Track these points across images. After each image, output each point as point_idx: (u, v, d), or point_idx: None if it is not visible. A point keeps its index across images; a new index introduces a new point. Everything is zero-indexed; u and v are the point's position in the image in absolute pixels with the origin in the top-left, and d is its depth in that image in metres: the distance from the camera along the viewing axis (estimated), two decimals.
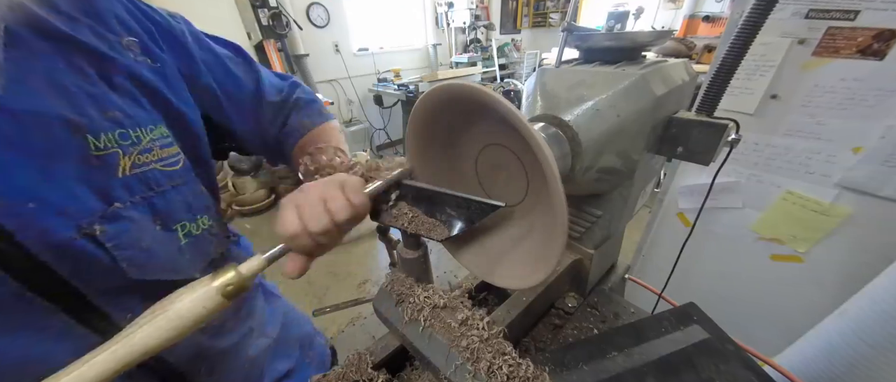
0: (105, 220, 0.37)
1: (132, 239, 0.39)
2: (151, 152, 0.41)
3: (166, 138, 0.44)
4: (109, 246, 0.37)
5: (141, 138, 0.40)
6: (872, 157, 0.86)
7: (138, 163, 0.40)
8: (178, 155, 0.45)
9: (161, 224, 0.42)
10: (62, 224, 0.34)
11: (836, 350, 0.66)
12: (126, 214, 0.38)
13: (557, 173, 0.33)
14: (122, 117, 0.39)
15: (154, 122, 0.42)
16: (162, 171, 0.42)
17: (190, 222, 0.46)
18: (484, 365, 0.38)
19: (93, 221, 0.36)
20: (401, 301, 0.47)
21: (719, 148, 0.52)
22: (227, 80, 0.55)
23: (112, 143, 0.37)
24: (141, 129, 0.40)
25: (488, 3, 4.79)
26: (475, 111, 0.43)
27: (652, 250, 1.37)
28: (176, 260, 0.44)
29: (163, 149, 0.43)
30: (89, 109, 0.36)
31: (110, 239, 0.37)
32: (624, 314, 0.68)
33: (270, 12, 2.66)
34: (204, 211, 0.48)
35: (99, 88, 0.38)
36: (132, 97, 0.41)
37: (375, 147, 4.28)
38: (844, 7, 0.82)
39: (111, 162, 0.38)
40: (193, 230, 0.46)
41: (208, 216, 0.49)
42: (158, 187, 0.42)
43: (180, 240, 0.44)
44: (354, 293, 2.19)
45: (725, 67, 0.48)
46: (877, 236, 0.91)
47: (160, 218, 0.42)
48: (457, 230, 0.43)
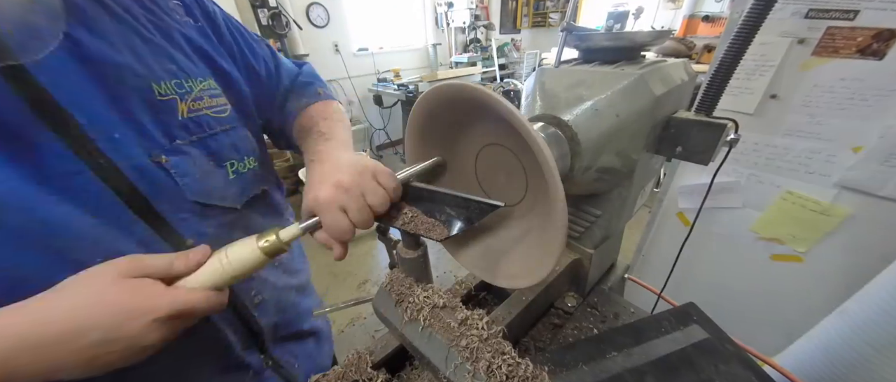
0: (169, 153, 0.44)
1: (190, 169, 0.46)
2: (202, 100, 0.48)
3: (214, 89, 0.50)
4: (173, 172, 0.44)
5: (193, 88, 0.47)
6: (872, 157, 0.86)
7: (193, 109, 0.47)
8: (225, 105, 0.52)
9: (214, 160, 0.49)
10: (139, 153, 0.42)
11: (835, 349, 0.66)
12: (185, 150, 0.46)
13: (557, 173, 0.33)
14: (177, 70, 0.46)
15: (202, 75, 0.49)
16: (213, 117, 0.49)
17: (238, 161, 0.53)
18: (483, 365, 0.38)
19: (161, 153, 0.43)
20: (400, 301, 0.47)
21: (718, 147, 0.52)
22: (251, 57, 0.60)
23: (171, 91, 0.45)
24: (192, 80, 0.47)
25: (488, 3, 4.79)
26: (475, 111, 0.43)
27: (651, 250, 1.37)
28: (224, 190, 0.51)
29: (212, 98, 0.50)
30: (152, 62, 0.43)
31: (173, 167, 0.44)
32: (623, 314, 0.68)
33: (270, 12, 2.66)
34: (250, 153, 0.55)
35: (159, 43, 0.45)
36: (184, 52, 0.48)
37: (375, 147, 4.28)
38: (844, 7, 0.82)
39: (172, 106, 0.45)
40: (241, 168, 0.53)
41: (254, 157, 0.55)
42: (210, 130, 0.49)
43: (229, 175, 0.51)
44: (354, 293, 2.19)
45: (725, 67, 0.48)
46: (876, 235, 0.91)
47: (213, 156, 0.49)
48: (456, 230, 0.43)
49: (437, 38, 4.50)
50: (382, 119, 4.14)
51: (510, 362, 0.39)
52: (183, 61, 0.47)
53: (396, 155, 4.40)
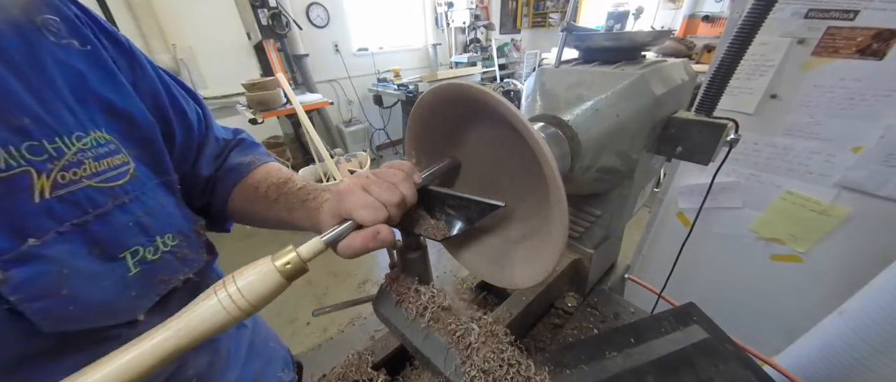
0: (10, 264, 0.28)
1: (49, 284, 0.30)
2: (82, 165, 0.32)
3: (105, 145, 0.34)
4: (13, 298, 0.28)
5: (64, 150, 0.31)
6: (872, 157, 0.86)
7: (63, 182, 0.31)
8: (125, 164, 0.36)
9: (101, 254, 0.33)
10: None
11: (835, 349, 0.66)
12: (44, 252, 0.29)
13: (558, 173, 0.33)
14: (32, 125, 0.29)
15: (83, 127, 0.33)
16: (99, 187, 0.33)
17: (146, 246, 0.37)
18: (484, 365, 0.38)
19: None
20: (401, 301, 0.47)
21: (718, 147, 0.52)
22: (176, 100, 0.46)
23: (17, 161, 0.28)
24: (62, 139, 0.31)
25: (488, 3, 4.79)
26: (475, 111, 0.43)
27: (651, 250, 1.37)
28: (116, 298, 0.34)
29: (99, 159, 0.34)
30: None
31: (15, 289, 0.28)
32: (624, 313, 0.68)
33: (270, 12, 2.66)
34: (167, 229, 0.39)
35: (5, 82, 0.29)
36: (54, 92, 0.32)
37: (375, 147, 4.28)
38: (844, 7, 0.82)
39: (20, 185, 0.29)
40: (149, 255, 0.37)
41: (173, 234, 0.40)
42: (95, 209, 0.33)
43: (130, 270, 0.35)
44: (354, 293, 2.19)
45: (725, 67, 0.48)
46: (876, 235, 0.91)
47: (100, 247, 0.33)
48: (456, 230, 0.43)
49: (437, 38, 4.50)
50: (382, 119, 4.14)
51: (512, 362, 0.38)
52: (49, 109, 0.31)
53: (396, 155, 4.40)
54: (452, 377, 0.39)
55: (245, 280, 0.30)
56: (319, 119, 3.25)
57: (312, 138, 2.55)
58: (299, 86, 3.17)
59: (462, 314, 0.44)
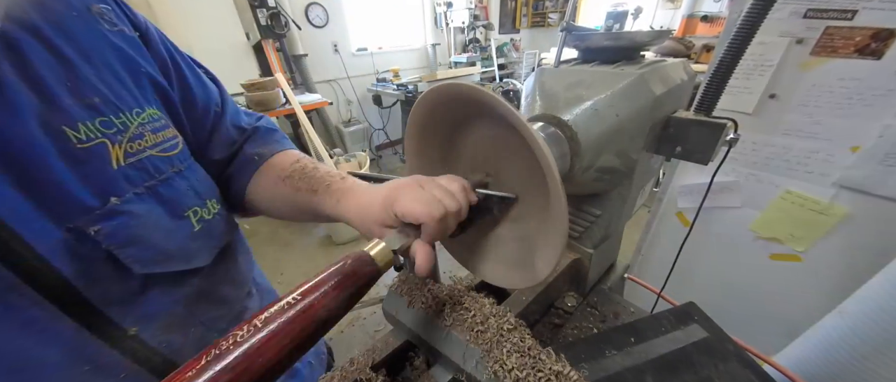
0: (101, 218, 0.33)
1: (135, 233, 0.36)
2: (143, 138, 0.37)
3: (158, 120, 0.40)
4: (107, 245, 0.34)
5: (127, 124, 0.36)
6: (870, 156, 0.86)
7: (132, 151, 0.36)
8: (175, 138, 0.42)
9: (170, 212, 0.39)
10: (52, 227, 0.32)
11: (834, 348, 0.66)
12: (126, 209, 0.35)
13: (557, 173, 0.33)
14: (101, 103, 0.34)
15: (140, 104, 0.38)
16: (160, 157, 0.39)
17: (200, 207, 0.43)
18: (505, 358, 0.38)
19: (88, 221, 0.33)
20: (413, 301, 0.47)
21: (718, 147, 0.52)
22: (195, 83, 0.48)
23: (95, 134, 0.34)
24: (125, 114, 0.36)
25: (487, 3, 4.79)
26: (474, 111, 0.43)
27: (651, 249, 1.37)
28: (188, 247, 0.41)
29: (156, 132, 0.39)
30: (63, 99, 0.32)
31: (107, 237, 0.34)
32: (623, 313, 0.68)
33: (269, 12, 2.66)
34: (212, 194, 0.46)
35: (75, 69, 0.33)
36: (113, 74, 0.36)
37: (374, 147, 4.27)
38: (842, 7, 0.82)
39: (101, 154, 0.34)
40: (205, 214, 0.43)
41: (216, 199, 0.46)
42: (160, 175, 0.39)
43: (194, 226, 0.42)
44: None
45: (724, 67, 0.48)
46: (875, 235, 0.91)
47: (168, 206, 0.39)
48: (466, 225, 0.44)
49: (437, 38, 4.50)
50: (382, 119, 4.14)
51: (534, 354, 0.38)
52: (112, 89, 0.36)
53: (396, 155, 4.40)
54: (474, 372, 0.39)
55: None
56: (318, 119, 3.25)
57: (311, 138, 2.55)
58: (298, 86, 3.17)
59: (482, 310, 0.44)
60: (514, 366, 0.37)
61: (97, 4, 0.37)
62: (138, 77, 0.39)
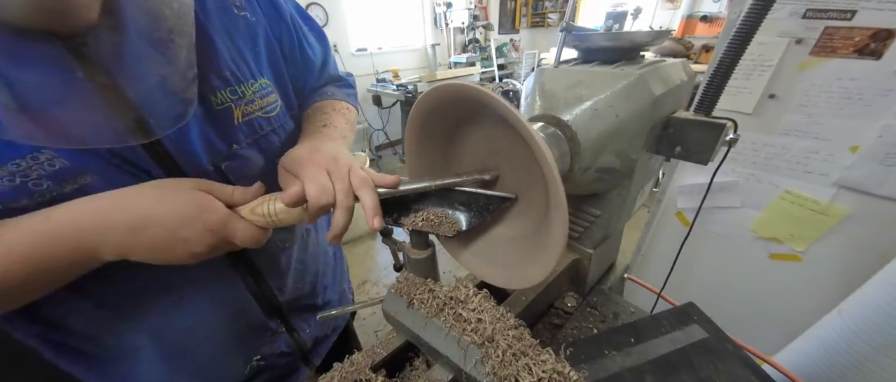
0: (229, 158, 0.49)
1: (246, 171, 0.51)
2: (254, 103, 0.51)
3: (267, 88, 0.53)
4: (231, 177, 0.49)
5: (245, 92, 0.49)
6: (870, 156, 0.87)
7: (247, 113, 0.50)
8: (275, 101, 0.55)
9: (267, 159, 0.54)
10: (204, 160, 0.46)
11: (834, 348, 0.66)
12: (242, 153, 0.50)
13: (557, 173, 0.33)
14: (230, 76, 0.47)
15: (254, 76, 0.51)
16: (263, 118, 0.53)
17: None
18: (504, 357, 0.38)
19: (221, 159, 0.48)
20: (412, 302, 0.47)
21: (717, 147, 0.52)
22: (307, 46, 0.63)
23: (227, 100, 0.47)
24: (244, 85, 0.49)
25: (487, 4, 4.79)
26: (474, 111, 0.43)
27: (651, 249, 1.37)
28: (275, 185, 0.51)
29: (263, 98, 0.52)
30: (210, 74, 0.45)
31: (231, 172, 0.49)
32: (623, 313, 0.68)
33: None
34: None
35: (215, 47, 0.46)
36: (239, 52, 0.49)
37: (374, 147, 4.27)
38: (841, 7, 0.82)
39: (229, 113, 0.48)
40: None
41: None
42: (262, 130, 0.53)
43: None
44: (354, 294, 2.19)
45: (723, 67, 0.48)
46: (874, 234, 0.91)
47: (265, 155, 0.54)
48: (465, 225, 0.44)
49: (436, 39, 4.50)
50: (381, 119, 4.14)
51: (534, 354, 0.38)
52: (236, 65, 0.48)
53: (395, 155, 4.40)
54: (474, 372, 0.39)
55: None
56: None
57: None
58: None
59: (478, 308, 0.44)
60: (515, 366, 0.37)
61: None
62: (256, 52, 0.52)
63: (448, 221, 0.45)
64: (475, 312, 0.43)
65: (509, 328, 0.41)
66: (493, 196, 0.43)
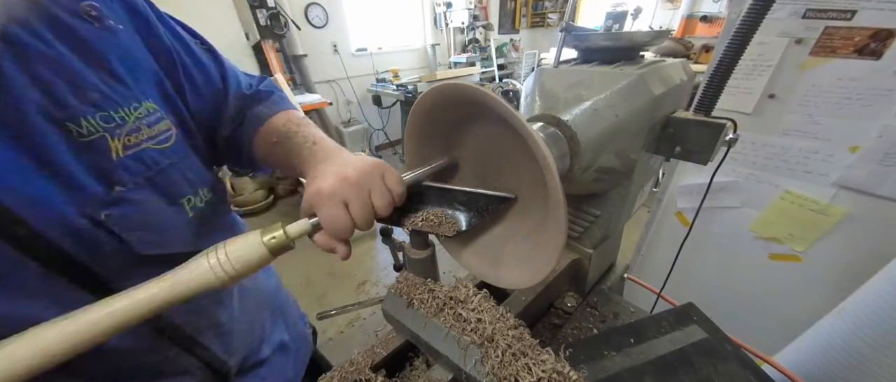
0: (109, 205, 0.37)
1: (139, 220, 0.40)
2: (140, 131, 0.40)
3: (154, 113, 0.42)
4: (116, 229, 0.38)
5: (126, 118, 0.39)
6: (870, 156, 0.87)
7: (130, 144, 0.39)
8: (169, 130, 0.44)
9: (167, 200, 0.43)
10: (70, 212, 0.35)
11: (834, 348, 0.66)
12: (130, 197, 0.39)
13: (557, 173, 0.33)
14: (100, 98, 0.37)
15: (137, 99, 0.40)
16: (156, 149, 0.42)
17: (193, 195, 0.46)
18: (504, 359, 0.38)
19: (97, 207, 0.36)
20: (412, 302, 0.47)
21: (717, 147, 0.52)
22: (193, 64, 0.50)
23: (95, 128, 0.36)
24: (123, 109, 0.39)
25: (487, 4, 4.79)
26: (474, 111, 0.43)
27: (651, 249, 1.37)
28: (185, 232, 0.45)
29: (151, 126, 0.42)
30: (67, 96, 0.35)
31: (116, 222, 0.37)
32: (623, 313, 0.68)
33: (268, 13, 2.66)
34: (204, 183, 0.48)
35: (73, 66, 0.36)
36: (109, 71, 0.39)
37: (374, 147, 4.27)
38: (841, 7, 0.82)
39: (101, 146, 0.37)
40: (198, 202, 0.47)
41: (207, 186, 0.49)
42: (156, 166, 0.42)
43: (188, 213, 0.45)
44: (353, 294, 2.19)
45: (723, 67, 0.49)
46: (874, 234, 0.91)
47: (165, 195, 0.43)
48: (466, 225, 0.44)
49: (436, 39, 4.50)
50: (381, 119, 4.14)
51: (534, 354, 0.38)
52: (109, 85, 0.38)
53: (395, 155, 4.40)
54: (473, 372, 0.39)
55: (234, 248, 0.33)
56: (318, 120, 3.25)
57: None
58: (298, 86, 3.17)
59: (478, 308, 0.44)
60: (514, 366, 0.37)
61: (84, 2, 0.38)
62: (135, 71, 0.41)
63: (448, 221, 0.45)
64: (475, 312, 0.43)
65: (509, 328, 0.41)
66: (493, 196, 0.43)
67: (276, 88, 0.62)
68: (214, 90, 0.54)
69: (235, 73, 0.58)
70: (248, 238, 0.35)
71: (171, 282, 0.32)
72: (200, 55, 0.52)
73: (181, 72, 0.48)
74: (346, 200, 0.39)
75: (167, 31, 0.48)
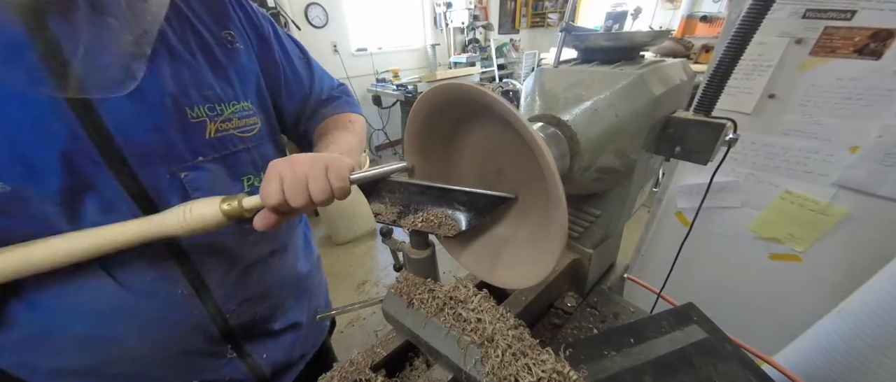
0: (190, 169, 0.51)
1: (205, 183, 0.52)
2: (231, 121, 0.55)
3: (247, 110, 0.57)
4: (188, 186, 0.51)
5: (223, 111, 0.54)
6: (869, 156, 0.87)
7: (221, 129, 0.54)
8: (255, 124, 0.59)
9: (230, 175, 0.56)
10: (162, 167, 0.49)
11: (834, 348, 0.66)
12: (205, 166, 0.52)
13: (557, 173, 0.33)
14: (212, 95, 0.52)
15: (237, 98, 0.55)
16: (238, 136, 0.56)
17: (255, 176, 0.60)
18: (504, 359, 0.38)
19: (181, 168, 0.50)
20: (412, 302, 0.47)
21: (717, 147, 0.52)
22: (292, 75, 0.68)
23: (202, 114, 0.51)
24: (224, 104, 0.54)
25: (487, 4, 4.79)
26: (474, 111, 0.43)
27: (651, 249, 1.37)
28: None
29: (242, 118, 0.56)
30: (190, 89, 0.50)
31: (189, 182, 0.51)
32: (623, 313, 0.68)
33: (268, 13, 2.65)
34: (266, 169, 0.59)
35: (201, 69, 0.51)
36: (225, 77, 0.54)
37: (374, 147, 4.27)
38: (841, 7, 0.82)
39: (202, 127, 0.51)
40: (256, 182, 0.60)
41: None
42: (234, 147, 0.56)
43: (244, 188, 0.58)
44: (353, 293, 2.19)
45: (723, 67, 0.48)
46: (874, 234, 0.91)
47: (232, 171, 0.56)
48: (465, 225, 0.44)
49: (436, 39, 4.50)
50: (381, 119, 4.14)
51: (533, 354, 0.38)
52: (220, 87, 0.53)
53: (395, 155, 4.40)
54: (473, 372, 0.39)
55: (197, 206, 0.44)
56: None
57: None
58: None
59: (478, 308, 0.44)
60: (514, 366, 0.37)
61: (225, 30, 0.55)
62: (243, 80, 0.57)
63: (448, 222, 0.45)
64: (475, 312, 0.43)
65: (509, 328, 0.41)
66: (493, 196, 0.43)
67: (345, 94, 0.79)
68: (303, 94, 0.71)
69: (321, 81, 0.74)
70: (210, 201, 0.44)
71: (148, 221, 0.44)
72: (299, 68, 0.69)
73: (283, 82, 0.66)
74: (282, 176, 0.44)
75: (280, 50, 0.65)
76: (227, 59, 0.55)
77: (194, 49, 0.51)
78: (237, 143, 0.56)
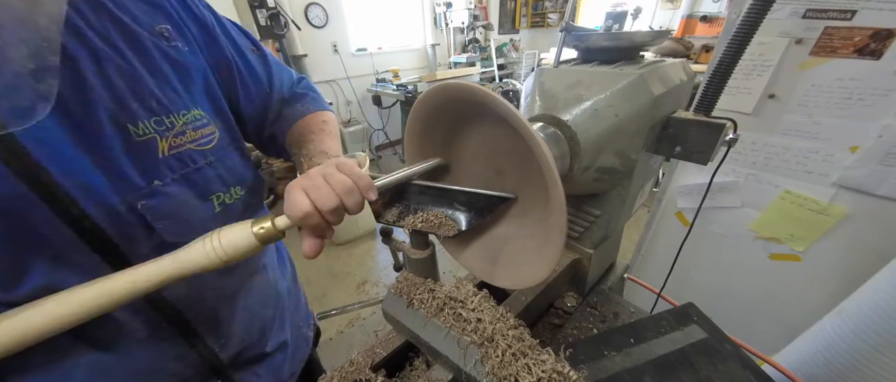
0: (147, 196, 0.43)
1: (169, 210, 0.45)
2: (185, 134, 0.46)
3: (200, 119, 0.49)
4: (148, 217, 0.44)
5: (174, 123, 0.45)
6: (869, 156, 0.87)
7: (175, 145, 0.46)
8: (212, 134, 0.50)
9: (198, 195, 0.49)
10: (114, 199, 0.41)
11: (834, 348, 0.66)
12: (165, 190, 0.45)
13: (557, 173, 0.33)
14: (157, 106, 0.44)
15: (187, 106, 0.47)
16: (197, 150, 0.48)
17: (224, 193, 0.52)
18: (504, 359, 0.38)
19: (137, 197, 0.42)
20: (412, 302, 0.47)
21: (717, 147, 0.52)
22: (247, 71, 0.59)
23: (149, 131, 0.43)
24: (173, 115, 0.45)
25: (487, 4, 4.79)
26: (474, 111, 0.43)
27: (651, 249, 1.37)
28: (209, 225, 0.46)
29: (197, 130, 0.48)
30: (131, 102, 0.41)
31: (149, 211, 0.43)
32: (623, 313, 0.68)
33: (268, 13, 2.65)
34: (237, 182, 0.53)
35: (137, 74, 0.42)
36: (168, 83, 0.45)
37: (374, 147, 4.27)
38: (841, 7, 0.82)
39: (152, 146, 0.44)
40: (227, 199, 0.52)
41: (241, 186, 0.54)
42: (194, 164, 0.48)
43: (215, 208, 0.51)
44: (353, 294, 2.19)
45: (723, 67, 0.49)
46: (874, 234, 0.91)
47: (197, 191, 0.48)
48: (465, 225, 0.44)
49: (436, 39, 4.50)
50: (381, 119, 4.14)
51: (533, 354, 0.38)
52: (166, 94, 0.45)
53: (395, 155, 4.40)
54: (473, 372, 0.39)
55: (227, 234, 0.38)
56: None
57: None
58: None
59: (478, 308, 0.44)
60: (514, 366, 0.37)
61: (159, 25, 0.46)
62: (189, 84, 0.48)
63: (448, 222, 0.45)
64: (475, 312, 0.43)
65: (509, 328, 0.41)
66: (493, 196, 0.43)
67: (310, 89, 0.70)
68: (263, 94, 0.62)
69: (281, 76, 0.66)
70: (241, 227, 0.39)
71: (172, 260, 0.36)
72: (253, 63, 0.60)
73: (238, 81, 0.57)
74: (304, 187, 0.40)
75: (229, 44, 0.56)
76: (167, 61, 0.45)
77: (122, 47, 0.41)
78: (197, 159, 0.48)
